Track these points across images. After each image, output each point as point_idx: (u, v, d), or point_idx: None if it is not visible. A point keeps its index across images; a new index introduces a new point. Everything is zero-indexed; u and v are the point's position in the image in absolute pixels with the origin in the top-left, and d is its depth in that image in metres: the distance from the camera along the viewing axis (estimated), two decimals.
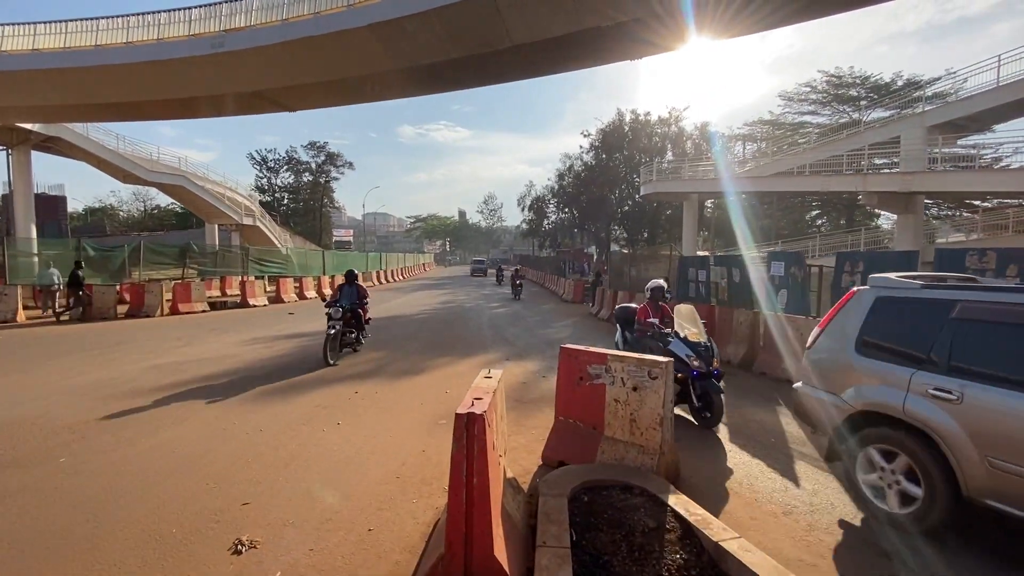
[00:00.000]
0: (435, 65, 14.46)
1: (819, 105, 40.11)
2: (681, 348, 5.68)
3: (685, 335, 5.84)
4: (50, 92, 17.24)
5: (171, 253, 17.86)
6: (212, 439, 5.02)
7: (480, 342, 11.16)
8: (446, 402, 6.38)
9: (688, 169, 28.04)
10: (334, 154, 61.24)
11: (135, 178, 28.74)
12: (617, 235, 49.42)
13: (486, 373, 3.50)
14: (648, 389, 4.06)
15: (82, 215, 60.54)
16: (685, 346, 5.70)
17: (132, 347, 10.03)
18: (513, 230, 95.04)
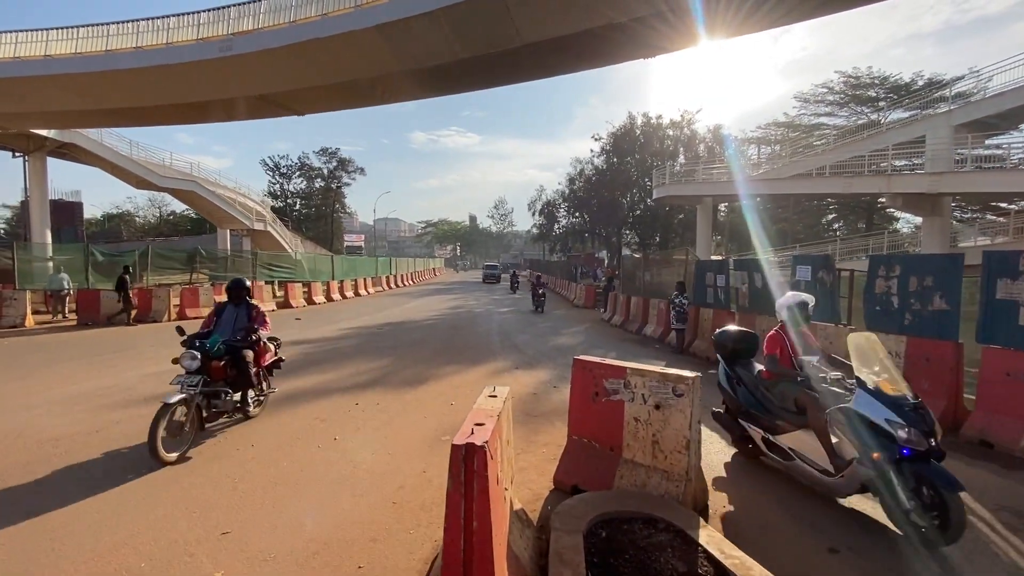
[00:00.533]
0: (443, 66, 14.20)
1: (836, 106, 39.33)
2: (876, 408, 3.41)
3: (875, 384, 3.51)
4: (62, 98, 17.29)
5: (179, 258, 17.76)
6: (198, 456, 4.69)
7: (489, 349, 10.79)
8: (451, 415, 6.01)
9: (702, 172, 27.50)
10: (345, 160, 61.64)
11: (148, 184, 28.90)
12: (629, 239, 48.85)
13: (490, 391, 3.12)
14: (673, 408, 3.64)
15: (100, 221, 61.34)
16: (881, 403, 3.40)
17: (134, 353, 9.80)
18: (524, 235, 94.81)
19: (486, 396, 2.98)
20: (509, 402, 3.27)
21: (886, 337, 6.53)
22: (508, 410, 3.27)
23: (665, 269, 14.64)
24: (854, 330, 7.15)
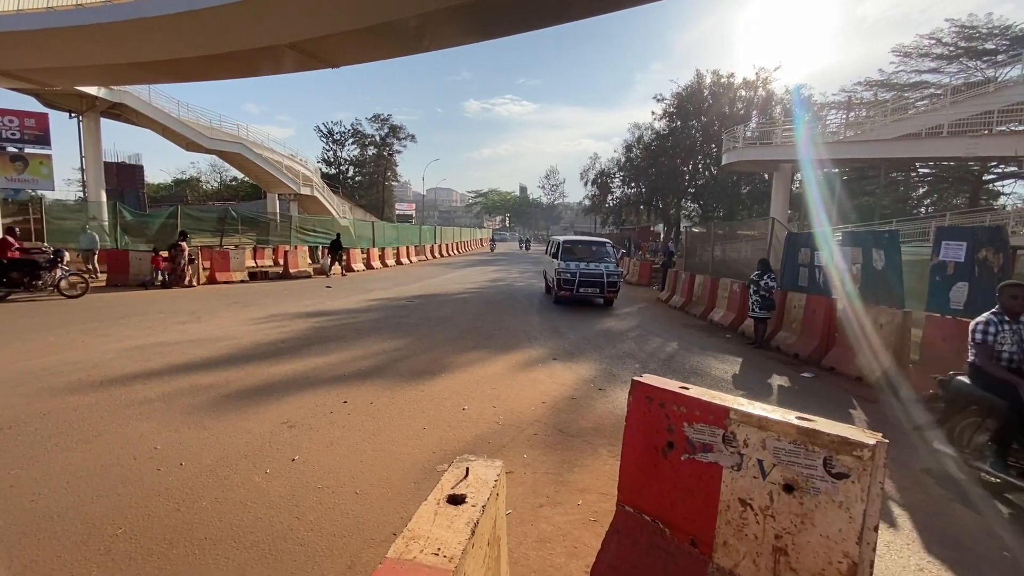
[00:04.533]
0: (487, 1, 12.28)
1: (944, 60, 33.90)
2: None
3: None
4: (96, 51, 16.71)
5: (211, 220, 17.13)
6: (107, 475, 3.43)
7: (524, 331, 9.20)
8: (457, 428, 4.49)
9: (780, 134, 24.17)
10: (397, 126, 60.82)
11: (197, 146, 28.80)
12: (690, 211, 45.37)
13: (454, 480, 1.47)
14: (822, 495, 1.92)
15: (169, 185, 64.00)
16: None
17: (132, 322, 8.92)
18: (575, 206, 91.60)
19: (438, 502, 1.34)
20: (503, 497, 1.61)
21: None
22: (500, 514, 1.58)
23: (739, 244, 12.42)
24: None
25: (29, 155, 30.90)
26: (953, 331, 5.61)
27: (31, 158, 31.04)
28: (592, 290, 12.08)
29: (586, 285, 12.03)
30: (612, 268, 12.36)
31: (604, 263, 12.49)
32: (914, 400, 5.79)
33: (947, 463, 3.89)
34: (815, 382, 6.60)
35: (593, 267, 12.22)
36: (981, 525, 3.27)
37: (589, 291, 12.08)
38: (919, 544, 3.02)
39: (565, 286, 12.02)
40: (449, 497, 1.31)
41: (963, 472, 3.76)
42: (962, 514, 3.39)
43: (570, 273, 12.02)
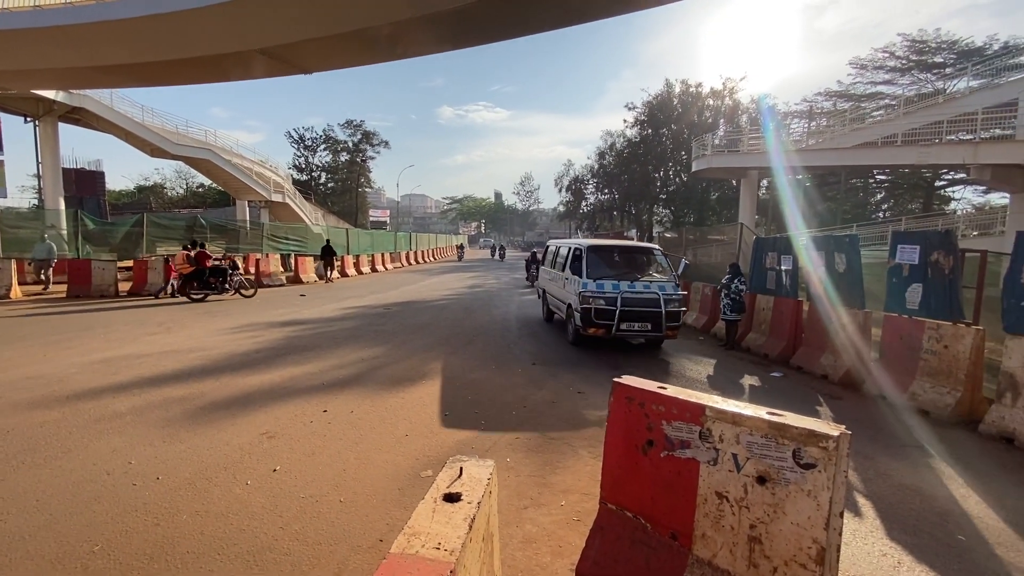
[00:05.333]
0: (462, 10, 12.35)
1: (897, 73, 35.67)
2: None
3: None
4: (56, 53, 16.15)
5: (179, 228, 16.69)
6: (79, 492, 3.34)
7: (503, 337, 9.27)
8: (439, 434, 4.52)
9: (747, 142, 24.98)
10: (370, 132, 60.39)
11: (161, 151, 28.02)
12: (661, 217, 46.32)
13: (449, 480, 1.52)
14: (792, 486, 2.04)
15: (131, 192, 61.83)
16: None
17: (98, 333, 8.64)
18: (550, 212, 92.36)
19: (435, 500, 1.40)
20: (495, 496, 1.67)
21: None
22: (493, 512, 1.64)
23: (710, 248, 12.78)
24: (981, 331, 5.35)
25: None
26: (909, 330, 5.93)
27: None
28: (642, 326, 7.76)
29: (633, 318, 7.71)
30: (671, 288, 8.01)
31: (656, 281, 8.14)
32: (875, 396, 6.09)
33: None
34: (784, 381, 6.86)
35: (642, 288, 7.91)
36: (938, 512, 3.47)
37: (636, 328, 7.77)
38: (882, 531, 3.19)
39: (599, 320, 7.68)
40: (445, 495, 1.36)
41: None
42: (921, 503, 3.59)
43: (605, 299, 7.72)
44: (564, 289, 9.06)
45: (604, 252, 8.77)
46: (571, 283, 8.55)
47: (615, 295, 7.72)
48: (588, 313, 7.78)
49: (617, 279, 7.98)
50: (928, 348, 5.65)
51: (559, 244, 10.52)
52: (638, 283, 8.00)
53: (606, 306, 7.70)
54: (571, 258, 8.90)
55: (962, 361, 5.32)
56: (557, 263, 9.97)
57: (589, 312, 7.77)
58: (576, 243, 9.36)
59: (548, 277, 10.67)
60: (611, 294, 7.75)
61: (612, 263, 8.56)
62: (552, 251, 10.88)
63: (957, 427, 5.14)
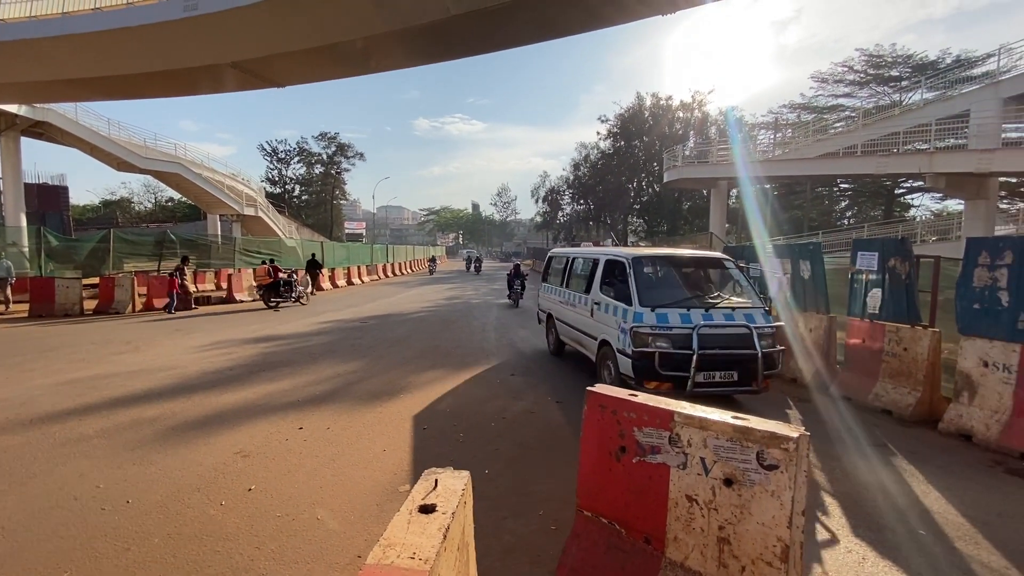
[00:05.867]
0: (435, 26, 12.51)
1: (856, 86, 37.29)
2: None
3: None
4: (18, 67, 15.72)
5: (147, 244, 16.27)
6: (46, 518, 3.24)
7: (482, 348, 9.30)
8: (418, 448, 4.52)
9: (716, 153, 25.70)
10: (345, 144, 60.05)
11: (129, 165, 27.36)
12: (636, 226, 47.13)
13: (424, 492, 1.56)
14: (757, 487, 2.13)
15: (97, 207, 60.07)
16: None
17: (63, 353, 8.36)
18: (527, 223, 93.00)
19: (410, 512, 1.43)
20: (469, 506, 1.71)
21: (989, 344, 5.01)
22: (467, 531, 1.66)
23: None
24: (937, 333, 5.62)
25: None
26: (870, 333, 6.19)
27: None
28: (725, 376, 5.24)
29: (715, 365, 5.22)
30: (763, 318, 5.64)
31: (741, 308, 5.69)
32: (841, 398, 6.31)
33: None
34: None
35: (724, 319, 5.48)
36: (901, 509, 3.63)
37: (719, 378, 5.23)
38: (847, 528, 3.32)
39: (666, 370, 5.17)
40: (420, 507, 1.40)
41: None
42: (884, 500, 3.75)
43: (672, 338, 5.29)
44: (594, 319, 6.47)
45: (659, 267, 6.29)
46: (607, 311, 6.06)
47: (687, 331, 5.15)
48: (648, 360, 5.13)
49: (685, 307, 5.45)
50: (889, 351, 5.90)
51: (572, 255, 8.24)
52: (716, 312, 5.42)
53: (675, 349, 5.14)
54: (603, 274, 6.53)
55: (920, 362, 5.57)
56: (573, 280, 7.77)
57: (649, 359, 5.12)
58: (610, 253, 6.72)
59: (558, 299, 8.25)
60: (681, 330, 5.19)
61: (670, 282, 6.14)
62: (561, 264, 8.59)
63: (918, 426, 5.37)
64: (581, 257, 7.83)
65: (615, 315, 5.87)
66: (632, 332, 5.33)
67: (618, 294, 5.99)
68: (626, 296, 5.75)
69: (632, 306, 5.54)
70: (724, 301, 5.83)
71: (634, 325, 5.34)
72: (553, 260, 9.35)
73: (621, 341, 5.55)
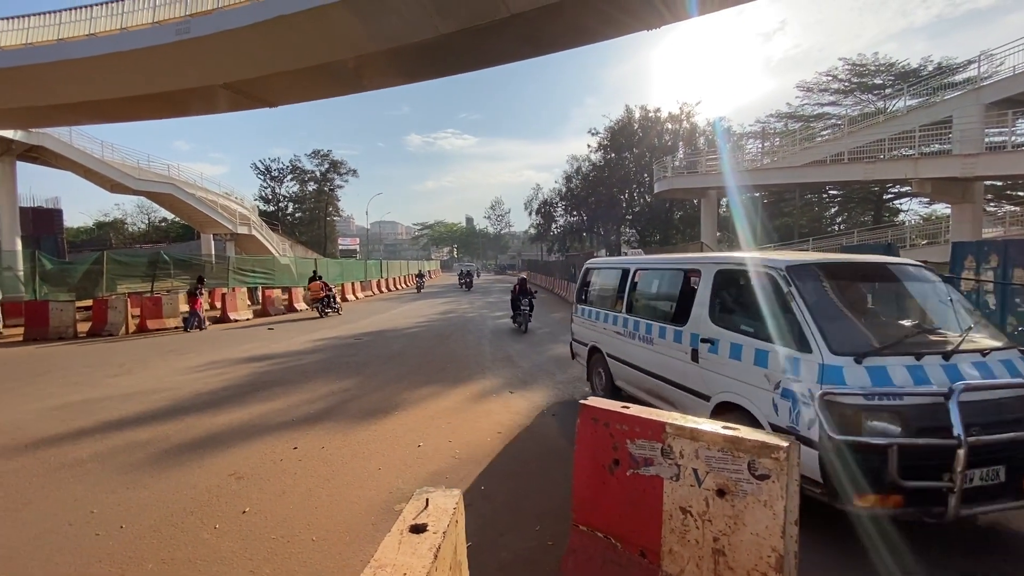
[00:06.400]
0: (425, 45, 12.68)
1: (841, 95, 37.92)
2: None
3: None
4: (15, 93, 15.74)
5: (141, 264, 16.21)
6: (41, 544, 3.21)
7: (477, 362, 9.29)
8: (414, 466, 4.50)
9: (705, 163, 26.01)
10: (337, 162, 60.30)
11: (122, 187, 27.34)
12: (628, 237, 47.42)
13: (415, 512, 1.56)
14: (749, 497, 2.15)
15: (91, 229, 59.93)
16: None
17: (57, 377, 8.29)
18: (521, 235, 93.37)
19: (401, 532, 1.43)
20: (458, 548, 1.70)
21: None
22: (459, 549, 1.64)
23: None
24: None
25: None
26: None
27: None
28: (987, 476, 2.87)
29: (985, 459, 2.84)
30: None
31: (991, 351, 3.27)
32: None
33: None
34: None
35: (984, 372, 3.12)
36: None
37: (989, 483, 2.87)
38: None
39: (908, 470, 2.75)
40: (411, 527, 1.41)
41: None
42: None
43: (904, 412, 2.89)
44: (700, 366, 4.17)
45: (839, 282, 3.82)
46: (737, 356, 3.80)
47: (934, 399, 2.93)
48: (871, 458, 2.84)
49: (913, 353, 3.16)
50: None
51: (634, 265, 5.90)
52: (962, 360, 3.17)
53: (917, 434, 2.87)
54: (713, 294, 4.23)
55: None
56: (641, 303, 5.57)
57: (873, 456, 2.84)
58: (726, 260, 4.32)
59: (611, 328, 5.92)
60: (922, 397, 2.96)
61: (860, 308, 4.07)
62: (611, 279, 6.38)
63: None
64: (654, 268, 5.55)
65: (760, 364, 3.54)
66: (827, 402, 2.95)
67: (762, 328, 3.60)
68: (791, 333, 3.37)
69: (812, 353, 3.18)
70: (962, 339, 3.29)
71: (829, 389, 2.96)
72: (595, 274, 7.04)
73: (792, 416, 3.20)
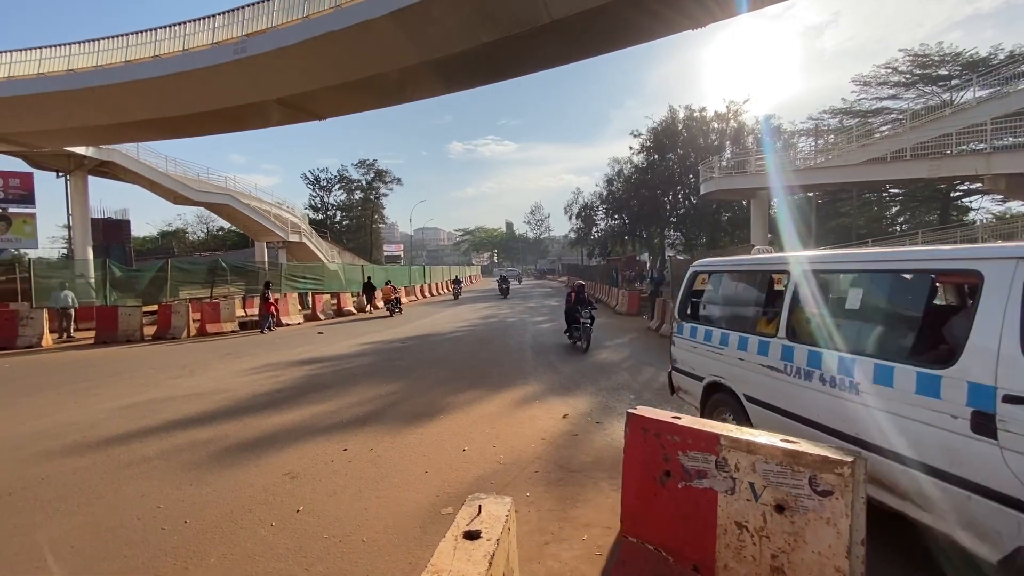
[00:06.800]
0: (467, 54, 12.91)
1: (901, 88, 35.82)
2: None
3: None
4: (85, 112, 17.11)
5: (201, 272, 17.20)
6: (112, 537, 3.43)
7: (519, 367, 9.29)
8: (459, 470, 4.54)
9: (755, 163, 25.13)
10: (383, 171, 62.02)
11: (184, 199, 29.08)
12: (672, 240, 46.34)
13: (468, 519, 1.58)
14: (811, 514, 2.05)
15: (155, 238, 63.97)
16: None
17: (125, 378, 8.87)
18: (561, 240, 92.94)
19: (456, 538, 1.45)
20: (511, 556, 1.70)
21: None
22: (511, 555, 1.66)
23: None
24: None
25: (13, 214, 30.90)
26: None
27: (15, 217, 31.03)
28: None
29: None
30: None
31: None
32: None
33: None
34: None
35: None
36: None
37: None
38: None
39: None
40: (465, 533, 1.42)
41: None
42: None
43: None
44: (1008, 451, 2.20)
45: None
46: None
47: None
48: None
49: None
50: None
51: (798, 264, 3.76)
52: None
53: None
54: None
55: None
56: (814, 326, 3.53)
57: None
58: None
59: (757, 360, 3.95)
60: None
61: None
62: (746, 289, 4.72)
63: None
64: (854, 269, 3.55)
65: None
66: None
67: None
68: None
69: None
70: None
71: None
72: (712, 280, 5.15)
73: None
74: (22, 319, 13.08)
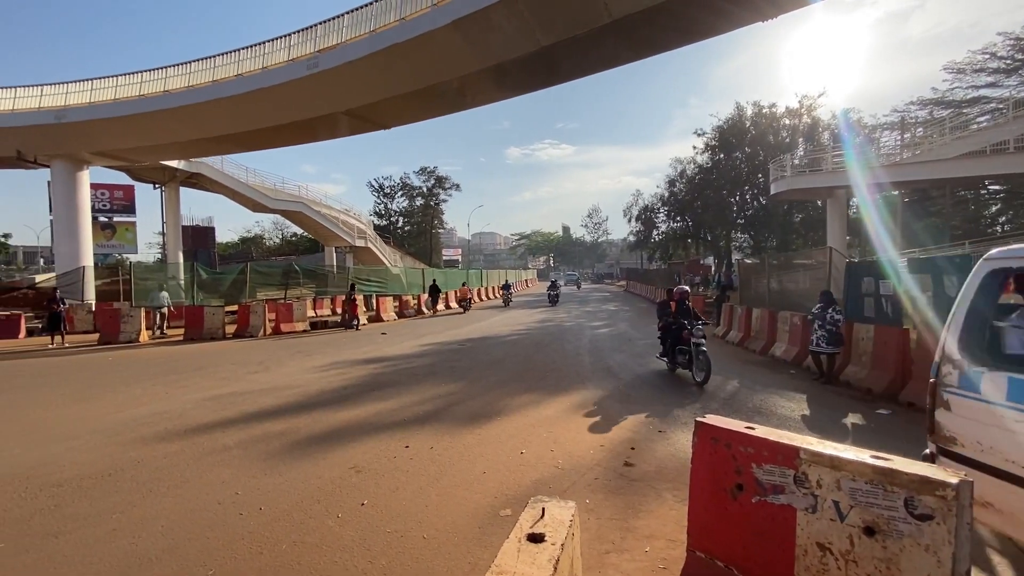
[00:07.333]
0: (525, 59, 12.98)
1: (1002, 74, 32.34)
2: None
3: None
4: (178, 129, 18.73)
5: (276, 274, 18.37)
6: (196, 519, 3.69)
7: (576, 372, 9.18)
8: (517, 472, 4.52)
9: (831, 160, 23.53)
10: (442, 177, 63.65)
11: (262, 207, 31.18)
12: (740, 242, 44.23)
13: (531, 521, 1.55)
14: (907, 539, 1.85)
15: (236, 244, 69.02)
16: None
17: (208, 373, 9.58)
18: (619, 243, 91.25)
19: (519, 540, 1.43)
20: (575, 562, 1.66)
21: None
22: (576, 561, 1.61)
23: (796, 274, 12.02)
24: None
25: (117, 223, 34.37)
26: None
27: (119, 226, 34.50)
28: None
29: None
30: None
31: None
32: None
33: None
34: (893, 419, 6.20)
35: None
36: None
37: None
38: None
39: None
40: (529, 535, 1.39)
41: None
42: None
43: None
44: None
45: None
46: None
47: None
48: None
49: None
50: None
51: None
52: None
53: None
54: None
55: None
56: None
57: None
58: None
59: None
60: None
61: None
62: None
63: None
64: None
65: None
66: None
67: None
68: None
69: None
70: None
71: None
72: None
73: None
74: (124, 317, 14.49)
